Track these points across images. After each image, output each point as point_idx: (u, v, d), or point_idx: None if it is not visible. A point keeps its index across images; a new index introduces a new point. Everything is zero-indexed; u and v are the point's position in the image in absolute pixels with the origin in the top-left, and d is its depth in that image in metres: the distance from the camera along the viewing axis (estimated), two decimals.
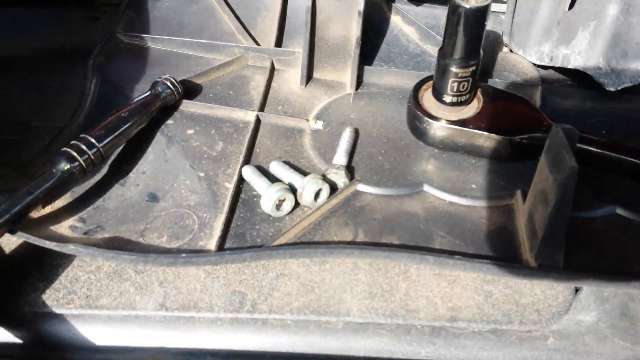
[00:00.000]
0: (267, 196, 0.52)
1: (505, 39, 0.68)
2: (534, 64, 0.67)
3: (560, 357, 0.48)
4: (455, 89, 0.57)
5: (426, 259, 0.48)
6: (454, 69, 0.55)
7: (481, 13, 0.51)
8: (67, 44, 0.75)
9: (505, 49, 0.69)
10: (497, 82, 0.66)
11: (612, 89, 0.60)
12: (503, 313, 0.49)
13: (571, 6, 0.62)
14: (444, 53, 0.55)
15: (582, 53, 0.60)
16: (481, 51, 0.55)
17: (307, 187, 0.53)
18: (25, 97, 0.67)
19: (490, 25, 0.71)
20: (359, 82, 0.68)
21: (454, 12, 0.51)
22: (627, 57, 0.60)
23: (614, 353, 0.48)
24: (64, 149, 0.53)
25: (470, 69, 0.55)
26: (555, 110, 0.65)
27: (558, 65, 0.62)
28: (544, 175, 0.49)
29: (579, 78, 0.65)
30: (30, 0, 0.84)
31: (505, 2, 0.68)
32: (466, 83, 0.56)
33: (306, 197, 0.53)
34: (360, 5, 0.61)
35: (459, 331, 0.48)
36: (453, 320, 0.48)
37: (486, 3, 0.50)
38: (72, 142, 0.53)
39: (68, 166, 0.52)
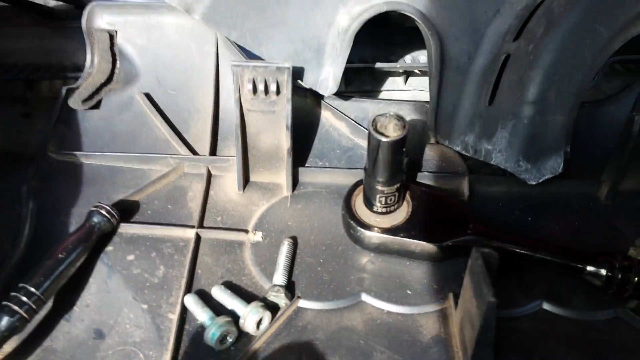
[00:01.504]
0: (211, 332, 0.53)
1: (430, 133, 0.71)
2: (460, 154, 0.70)
3: None
4: (383, 202, 0.59)
5: None
6: (379, 187, 0.58)
7: (399, 143, 0.53)
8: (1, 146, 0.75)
9: (432, 140, 0.72)
10: (425, 174, 0.69)
11: (533, 182, 0.64)
12: None
13: (490, 102, 0.65)
14: (369, 173, 0.58)
15: (502, 151, 0.63)
16: (404, 168, 0.58)
17: (249, 317, 0.54)
18: None
19: (418, 115, 0.74)
20: (295, 182, 0.70)
21: (373, 144, 0.54)
22: (545, 152, 0.63)
23: None
24: (4, 302, 0.53)
25: (395, 186, 0.58)
26: (483, 198, 0.68)
27: (481, 159, 0.66)
28: (468, 295, 0.52)
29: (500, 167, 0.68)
30: None
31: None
32: (393, 197, 0.59)
33: (249, 326, 0.54)
34: (288, 120, 0.63)
35: None
36: None
37: (404, 133, 0.53)
38: (12, 294, 0.53)
39: (9, 323, 0.52)
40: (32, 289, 0.54)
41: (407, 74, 0.88)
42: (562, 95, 0.61)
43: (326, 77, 0.67)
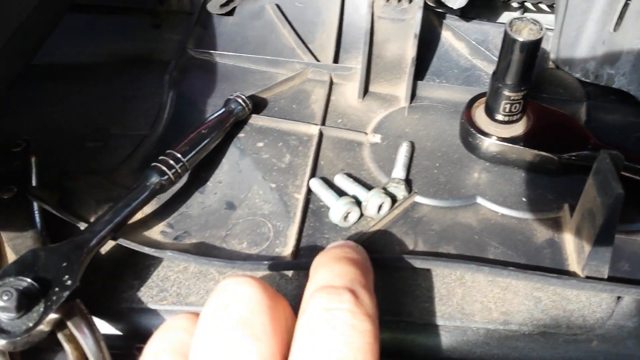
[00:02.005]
0: (336, 209, 0.58)
1: (552, 56, 0.71)
2: (580, 80, 0.71)
3: (603, 358, 0.53)
4: (507, 110, 0.61)
5: (482, 269, 0.54)
6: (506, 92, 0.59)
7: (535, 45, 0.55)
8: (136, 52, 0.82)
9: (552, 65, 0.73)
10: (544, 97, 0.70)
11: None
12: (551, 318, 0.54)
13: (616, 27, 0.65)
14: (498, 77, 0.60)
15: (627, 75, 0.64)
16: (532, 76, 0.59)
17: (371, 200, 0.58)
18: (103, 104, 0.74)
19: None
20: (413, 95, 0.72)
21: (508, 43, 0.55)
22: None
23: None
24: (154, 163, 0.59)
25: (522, 93, 0.59)
26: (600, 125, 0.69)
27: (602, 84, 0.66)
28: (591, 196, 0.53)
29: (623, 94, 0.69)
30: (94, 8, 0.90)
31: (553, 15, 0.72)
32: (518, 105, 0.61)
33: (370, 210, 0.58)
34: (417, 28, 0.66)
35: (510, 333, 0.54)
36: (506, 324, 0.54)
37: (539, 36, 0.55)
38: (161, 158, 0.59)
39: (159, 179, 0.58)
40: (179, 155, 0.60)
41: (524, 8, 0.88)
42: None
43: None
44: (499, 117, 0.62)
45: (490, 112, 0.63)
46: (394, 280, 0.56)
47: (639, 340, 0.53)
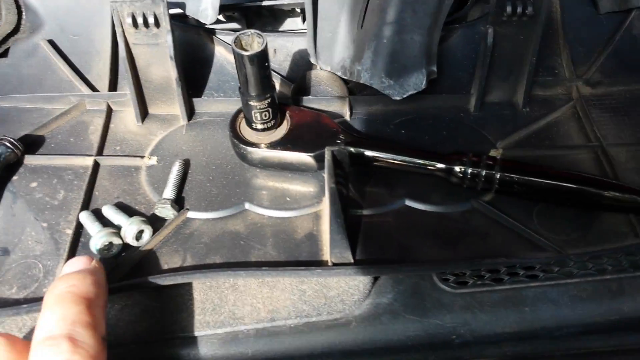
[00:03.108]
0: (93, 241, 0.59)
1: (312, 59, 0.76)
2: (342, 78, 0.76)
3: (362, 336, 0.58)
4: (259, 118, 0.65)
5: (239, 273, 0.57)
6: (252, 103, 0.63)
7: (262, 56, 0.59)
8: None
9: (317, 67, 0.78)
10: (311, 98, 0.75)
11: (398, 98, 0.70)
12: (314, 307, 0.58)
13: (361, 25, 0.71)
14: (242, 91, 0.63)
15: (368, 70, 0.69)
16: (273, 85, 0.63)
17: (128, 229, 0.60)
18: None
19: (302, 44, 0.80)
20: (192, 112, 0.75)
21: (238, 59, 0.59)
22: (406, 70, 0.69)
23: (405, 327, 0.58)
24: None
25: (267, 101, 0.63)
26: (363, 117, 0.75)
27: (354, 80, 0.72)
28: (326, 194, 0.58)
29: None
30: None
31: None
32: (267, 113, 0.64)
33: (128, 237, 0.60)
34: (171, 51, 0.68)
35: (278, 329, 0.58)
36: (272, 320, 0.58)
37: (262, 48, 0.58)
38: None
39: None
40: None
41: (304, 13, 0.93)
42: (417, 16, 0.67)
43: (205, 6, 0.72)
44: (257, 125, 0.66)
45: (248, 123, 0.67)
46: (168, 299, 0.58)
47: (393, 314, 0.59)
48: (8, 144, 0.67)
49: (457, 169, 0.64)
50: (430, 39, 0.71)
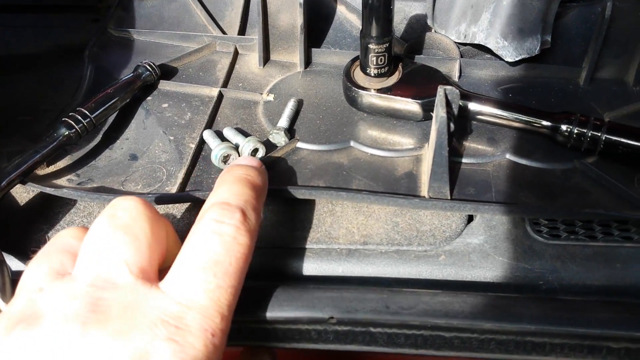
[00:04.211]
0: (214, 152, 0.66)
1: (429, 22, 0.79)
2: (455, 42, 0.79)
3: (449, 270, 0.60)
4: (375, 63, 0.69)
5: (340, 194, 0.61)
6: (371, 46, 0.67)
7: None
8: (75, 43, 0.90)
9: (432, 31, 0.81)
10: (423, 57, 0.78)
11: (510, 60, 0.72)
12: (405, 237, 0.61)
13: None
14: (363, 34, 0.68)
15: (484, 30, 0.72)
16: (392, 29, 0.67)
17: (245, 145, 0.66)
18: (38, 86, 0.82)
19: (419, 9, 0.84)
20: (308, 62, 0.81)
21: (365, 1, 0.64)
22: (523, 33, 0.71)
23: (494, 267, 0.59)
24: (64, 118, 0.67)
25: (385, 45, 0.67)
26: (472, 80, 0.77)
27: (468, 42, 0.74)
28: (433, 127, 0.61)
29: (495, 53, 0.76)
30: (40, 8, 0.99)
31: None
32: (383, 57, 0.69)
33: (245, 155, 0.66)
34: None
35: (369, 252, 0.61)
36: (365, 244, 0.61)
37: None
38: (70, 114, 0.68)
39: (66, 132, 0.66)
40: (86, 112, 0.68)
41: None
42: None
43: None
44: (371, 71, 0.70)
45: (363, 68, 0.71)
46: (272, 214, 0.64)
47: (483, 254, 0.60)
48: (148, 67, 0.75)
49: (563, 127, 0.64)
50: (548, 7, 0.72)
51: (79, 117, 0.67)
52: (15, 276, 0.57)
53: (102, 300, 0.43)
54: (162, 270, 0.49)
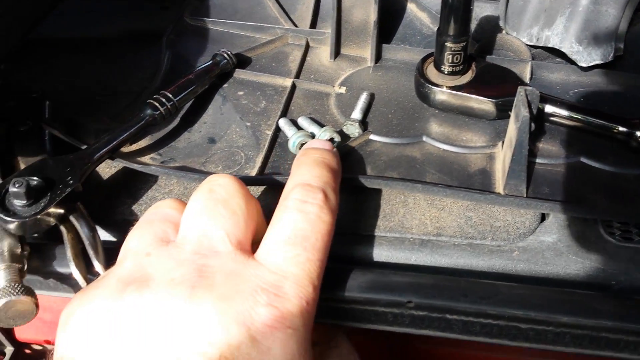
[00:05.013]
0: (292, 140, 0.68)
1: (501, 24, 0.81)
2: (526, 44, 0.80)
3: (522, 266, 0.61)
4: (450, 61, 0.70)
5: (417, 186, 0.63)
6: (448, 44, 0.69)
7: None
8: (144, 28, 0.93)
9: (503, 32, 0.82)
10: (494, 58, 0.79)
11: (584, 65, 0.73)
12: (479, 232, 0.63)
13: None
14: (441, 32, 0.69)
15: (559, 34, 0.73)
16: (470, 29, 0.69)
17: (322, 134, 0.68)
18: (112, 69, 0.85)
19: (490, 11, 0.85)
20: (378, 57, 0.82)
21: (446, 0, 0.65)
22: (597, 39, 0.72)
23: (567, 265, 0.60)
24: (149, 100, 0.70)
25: (462, 44, 0.69)
26: (543, 82, 0.78)
27: (541, 45, 0.75)
28: (511, 126, 0.62)
29: (566, 57, 0.77)
30: None
31: None
32: (459, 55, 0.70)
33: None
34: None
35: (442, 243, 0.62)
36: (438, 235, 0.63)
37: None
38: (155, 96, 0.70)
39: (152, 113, 0.69)
40: (170, 95, 0.71)
41: None
42: None
43: None
44: (445, 68, 0.72)
45: (437, 65, 0.73)
46: (344, 202, 0.65)
47: (556, 252, 0.61)
48: (226, 55, 0.78)
49: (638, 133, 0.65)
50: (623, 15, 0.73)
51: (163, 100, 0.70)
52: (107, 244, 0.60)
53: (207, 267, 0.45)
54: (252, 245, 0.51)
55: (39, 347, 1.02)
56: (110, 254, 0.60)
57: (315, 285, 0.48)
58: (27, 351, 0.99)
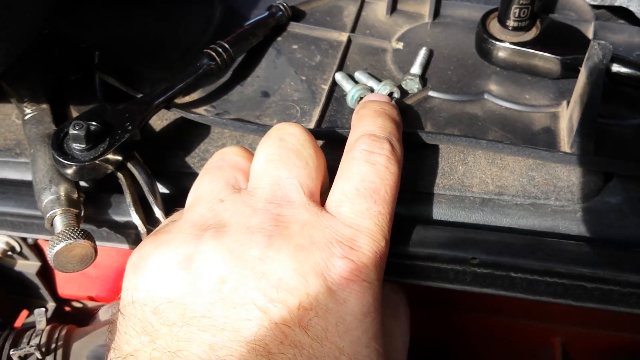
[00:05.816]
0: (350, 93, 0.66)
1: None
2: (590, 4, 0.77)
3: (586, 227, 0.59)
4: (517, 15, 0.68)
5: (480, 142, 0.61)
6: None
7: None
8: None
9: None
10: (556, 17, 0.76)
11: None
12: (542, 192, 0.61)
13: None
14: None
15: None
16: None
17: (382, 88, 0.66)
18: (165, 22, 0.84)
19: None
20: (436, 13, 0.80)
21: None
22: None
23: (633, 226, 0.58)
24: (206, 50, 0.69)
25: None
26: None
27: (607, 4, 0.72)
28: (581, 83, 0.60)
29: (630, 19, 0.74)
30: None
31: None
32: (526, 10, 0.67)
33: None
34: None
35: (504, 203, 0.61)
36: (500, 195, 0.61)
37: None
38: (211, 46, 0.69)
39: (208, 62, 0.68)
40: (226, 45, 0.70)
41: None
42: None
43: None
44: (510, 23, 0.69)
45: (502, 20, 0.70)
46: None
47: (621, 213, 0.59)
48: (282, 7, 0.76)
49: None
50: None
51: (220, 50, 0.69)
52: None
53: (282, 217, 0.45)
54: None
55: (79, 305, 1.02)
56: (166, 205, 0.60)
57: (387, 239, 0.47)
58: (67, 308, 0.99)
